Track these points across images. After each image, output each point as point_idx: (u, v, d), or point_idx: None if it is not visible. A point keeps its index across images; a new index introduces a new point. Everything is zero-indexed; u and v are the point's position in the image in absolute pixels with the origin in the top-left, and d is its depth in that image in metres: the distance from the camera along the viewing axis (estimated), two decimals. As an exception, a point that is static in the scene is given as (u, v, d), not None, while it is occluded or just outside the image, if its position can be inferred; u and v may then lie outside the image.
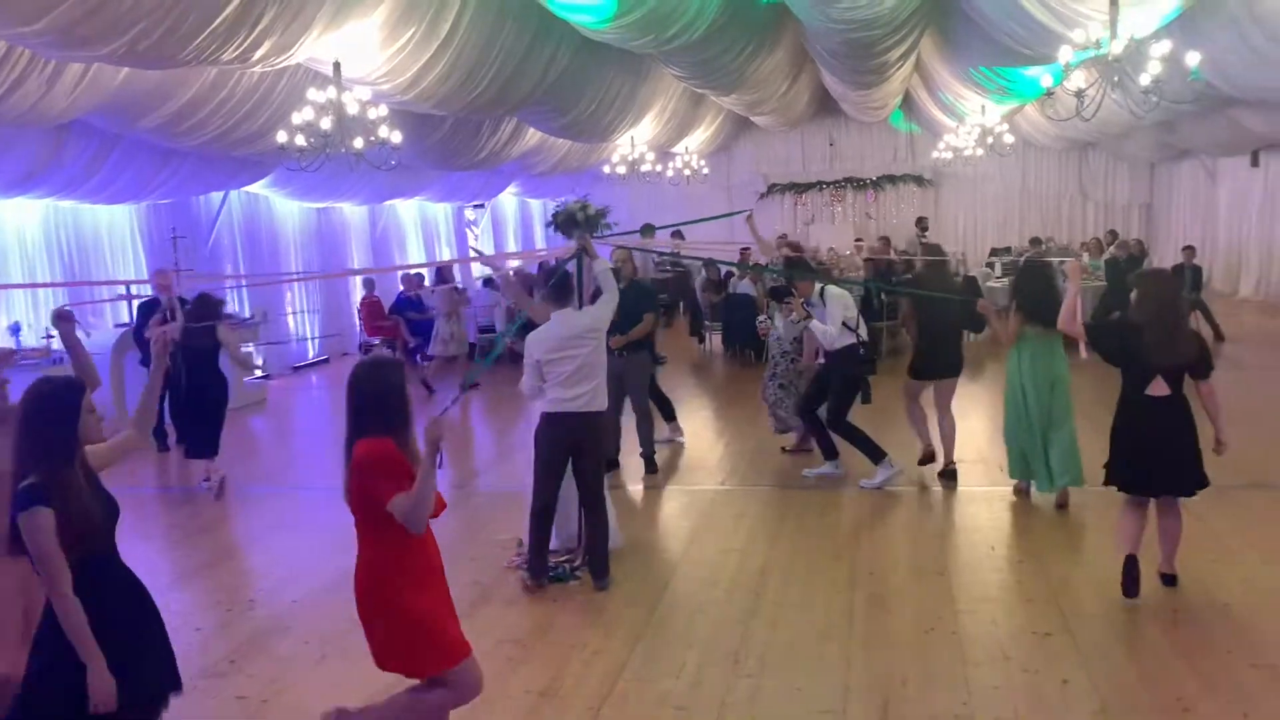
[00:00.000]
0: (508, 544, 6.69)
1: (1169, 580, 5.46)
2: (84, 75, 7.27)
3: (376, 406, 3.63)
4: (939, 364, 7.85)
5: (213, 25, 6.10)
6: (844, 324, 7.70)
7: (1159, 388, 5.22)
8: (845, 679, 4.72)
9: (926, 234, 18.23)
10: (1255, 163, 17.36)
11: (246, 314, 13.89)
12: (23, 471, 3.18)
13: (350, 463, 3.63)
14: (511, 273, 6.91)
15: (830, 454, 8.07)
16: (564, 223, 6.51)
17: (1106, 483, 5.48)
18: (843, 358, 7.75)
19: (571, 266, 6.43)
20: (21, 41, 5.85)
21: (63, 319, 4.21)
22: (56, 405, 3.24)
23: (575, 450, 5.97)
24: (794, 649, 5.07)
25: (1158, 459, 5.20)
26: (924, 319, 7.81)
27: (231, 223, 14.41)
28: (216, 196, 13.78)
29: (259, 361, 14.03)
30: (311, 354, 16.24)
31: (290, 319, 15.69)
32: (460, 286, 15.86)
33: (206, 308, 8.17)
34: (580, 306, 6.26)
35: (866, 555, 6.37)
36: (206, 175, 11.88)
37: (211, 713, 4.71)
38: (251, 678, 5.04)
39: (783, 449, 9.02)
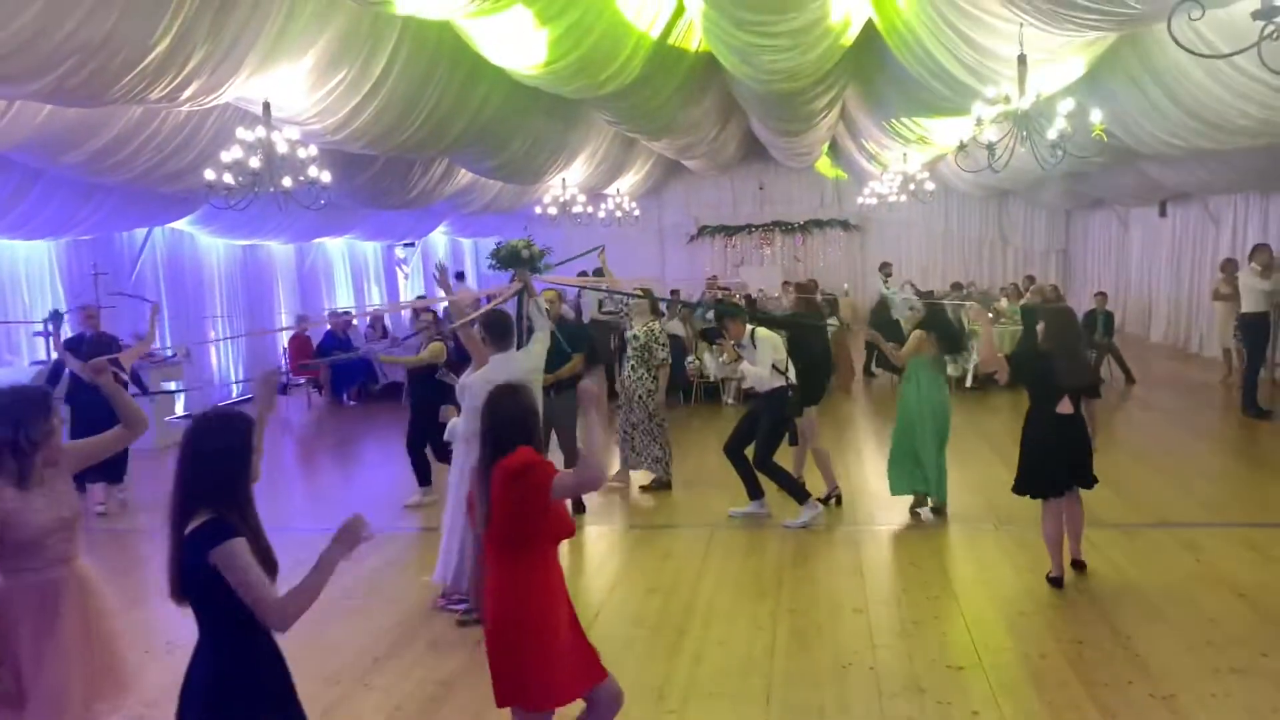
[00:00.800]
0: (432, 586, 6.68)
1: (1079, 566, 6.44)
2: (8, 110, 7.20)
3: (516, 425, 3.70)
4: (814, 394, 8.55)
5: (141, 64, 6.10)
6: (774, 366, 7.87)
7: (1065, 406, 6.17)
8: (766, 713, 4.82)
9: (889, 279, 18.41)
10: (1163, 213, 18.12)
11: (168, 351, 13.68)
12: (188, 506, 3.02)
13: (493, 482, 3.64)
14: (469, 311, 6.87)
15: (755, 494, 8.20)
16: (507, 258, 6.58)
17: (1024, 493, 6.34)
18: (771, 400, 7.92)
19: (509, 306, 6.52)
20: (-57, 77, 5.80)
21: (99, 371, 4.03)
22: (232, 438, 3.13)
23: None
24: (716, 685, 5.15)
25: (1067, 463, 6.20)
26: (797, 354, 8.19)
27: (155, 259, 14.20)
28: (140, 232, 13.60)
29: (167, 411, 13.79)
30: (235, 393, 16.00)
31: (213, 356, 15.47)
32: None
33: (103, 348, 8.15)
34: (519, 346, 6.35)
35: (789, 593, 6.49)
36: (131, 211, 11.73)
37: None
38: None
39: (641, 488, 9.24)
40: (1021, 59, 7.18)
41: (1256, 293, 11.37)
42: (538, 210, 17.94)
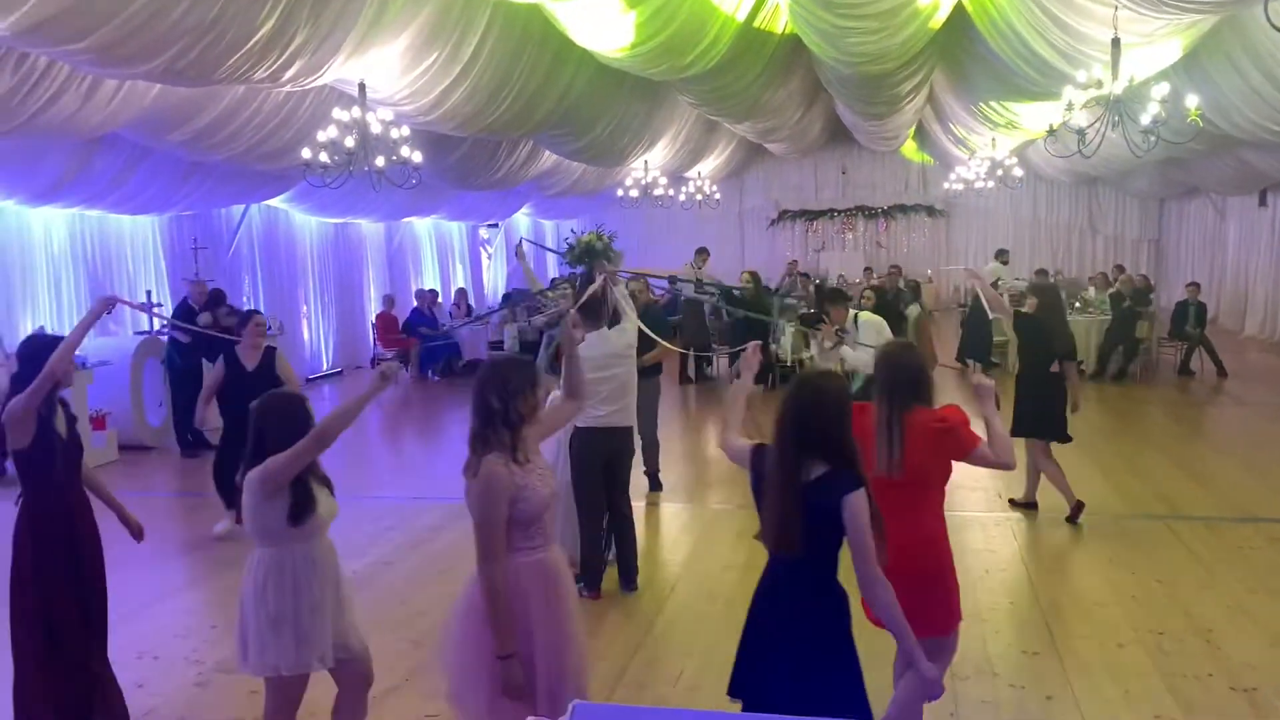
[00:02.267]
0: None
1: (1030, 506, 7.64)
2: (119, 90, 7.54)
3: (918, 381, 3.89)
4: None
5: (247, 45, 6.36)
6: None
7: (1054, 366, 7.24)
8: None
9: (1006, 264, 18.13)
10: (1263, 202, 17.53)
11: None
12: (803, 457, 3.15)
13: (913, 433, 3.78)
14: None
15: None
16: (582, 254, 6.70)
17: (1034, 434, 7.35)
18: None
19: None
20: (63, 58, 6.11)
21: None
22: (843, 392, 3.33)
23: (613, 462, 6.24)
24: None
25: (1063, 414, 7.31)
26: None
27: (251, 235, 14.69)
28: (238, 209, 14.07)
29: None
30: (325, 366, 16.48)
31: (305, 330, 15.95)
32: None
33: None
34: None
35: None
36: (230, 189, 12.16)
37: (226, 704, 4.90)
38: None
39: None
40: (1115, 42, 7.05)
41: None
42: (619, 193, 18.07)
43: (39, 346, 4.39)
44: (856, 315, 8.04)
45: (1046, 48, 8.47)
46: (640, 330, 6.70)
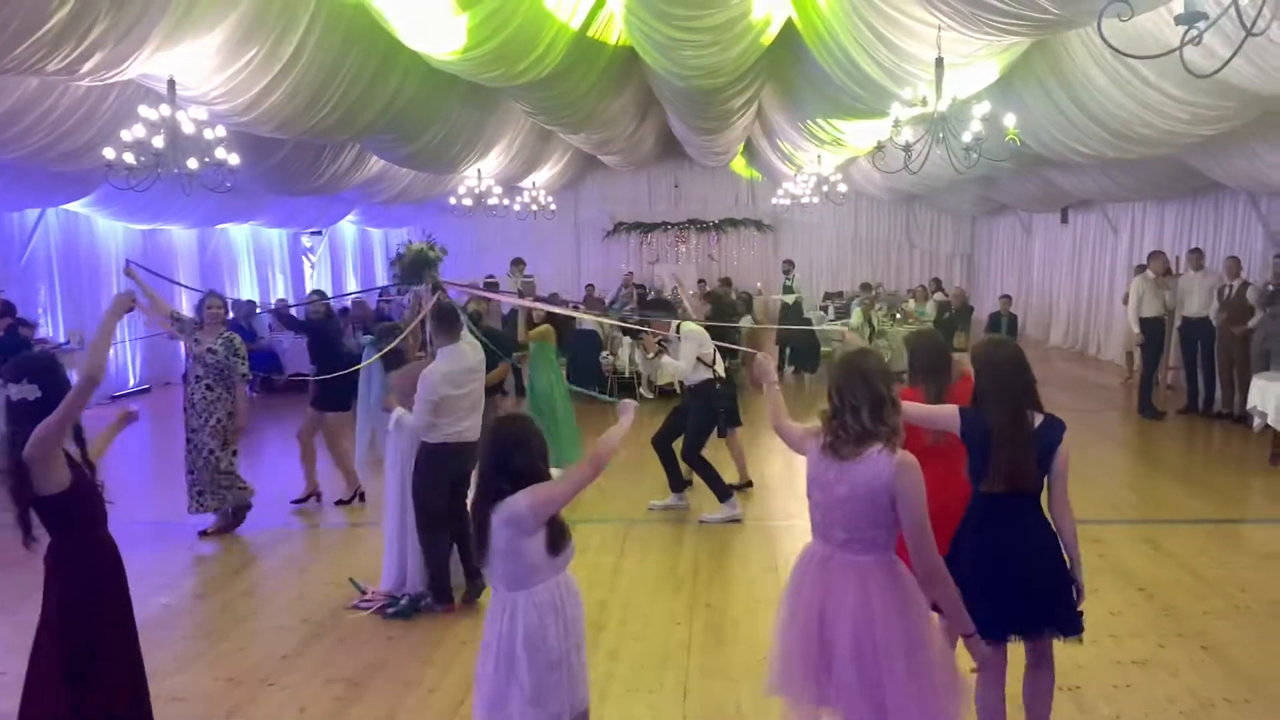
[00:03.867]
0: (341, 585, 6.52)
1: None
2: (-115, 77, 6.78)
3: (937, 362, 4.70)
4: None
5: (38, 34, 5.77)
6: (699, 360, 7.87)
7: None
8: (683, 709, 4.80)
9: (790, 276, 18.71)
10: (1065, 219, 18.70)
11: (61, 338, 13.10)
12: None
13: (957, 398, 4.33)
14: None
15: (677, 487, 8.21)
16: (413, 264, 6.43)
17: None
18: (699, 393, 7.94)
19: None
20: None
21: None
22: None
23: (461, 478, 5.97)
24: (633, 681, 5.11)
25: None
26: None
27: (48, 242, 13.57)
28: (32, 214, 12.98)
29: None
30: (132, 382, 15.41)
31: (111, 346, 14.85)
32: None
33: None
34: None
35: (705, 588, 6.48)
36: (22, 191, 11.18)
37: None
38: None
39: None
40: (939, 62, 7.28)
41: (1152, 298, 11.79)
42: (451, 201, 17.66)
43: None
44: (678, 326, 8.07)
45: (873, 66, 8.71)
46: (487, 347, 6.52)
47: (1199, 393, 11.96)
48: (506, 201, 18.79)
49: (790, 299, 17.23)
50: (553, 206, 21.37)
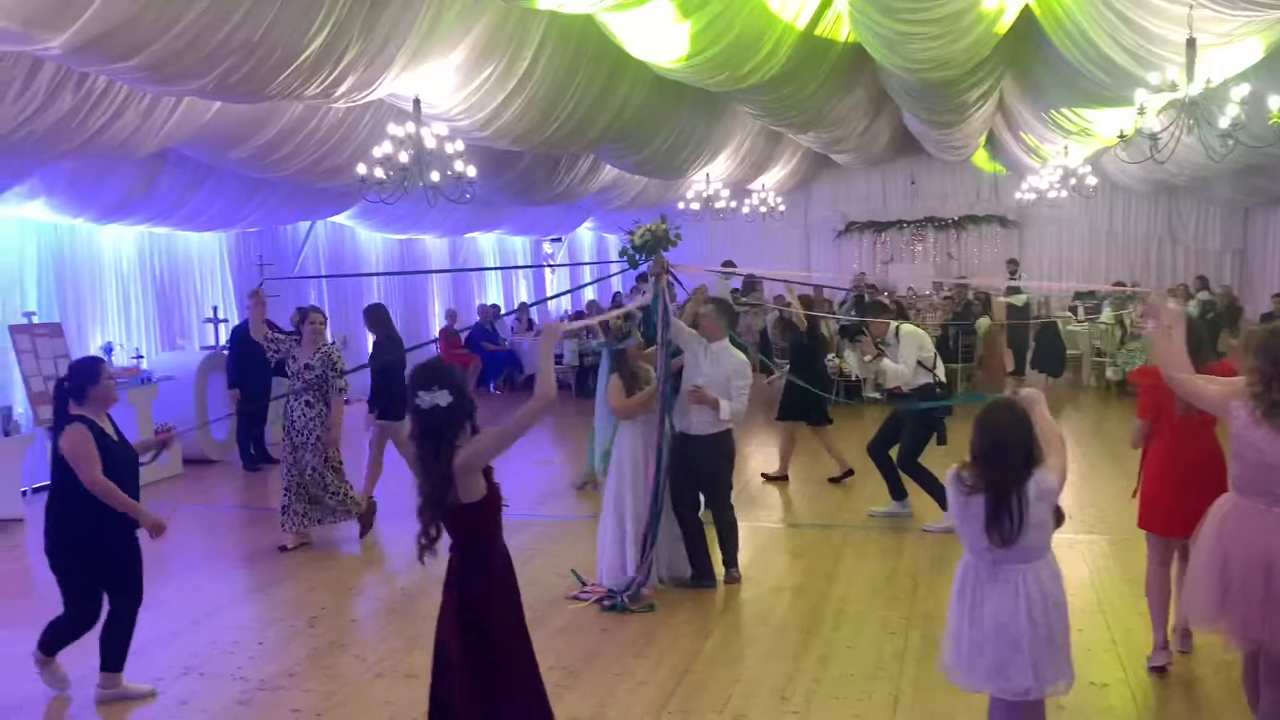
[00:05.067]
0: (564, 575, 6.78)
1: None
2: (176, 107, 7.64)
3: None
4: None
5: (297, 62, 6.37)
6: (919, 364, 7.65)
7: None
8: (892, 719, 4.68)
9: (1015, 276, 18.02)
10: (1355, 209, 16.76)
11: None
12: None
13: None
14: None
15: (898, 494, 8.01)
16: (645, 244, 6.51)
17: None
18: (919, 398, 7.70)
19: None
20: (118, 76, 6.19)
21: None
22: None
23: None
24: (842, 688, 5.03)
25: None
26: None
27: (317, 251, 14.89)
28: (303, 225, 14.27)
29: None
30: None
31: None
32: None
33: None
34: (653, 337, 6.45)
35: (923, 599, 6.28)
36: (294, 206, 12.32)
37: (267, 724, 4.86)
38: (307, 692, 5.17)
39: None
40: (1190, 42, 6.73)
41: None
42: (681, 205, 17.94)
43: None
44: (898, 328, 7.83)
45: (1117, 50, 8.14)
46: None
47: None
48: (735, 204, 18.88)
49: (1019, 300, 16.35)
50: (782, 207, 21.24)
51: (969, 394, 13.85)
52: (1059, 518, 3.76)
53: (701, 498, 6.74)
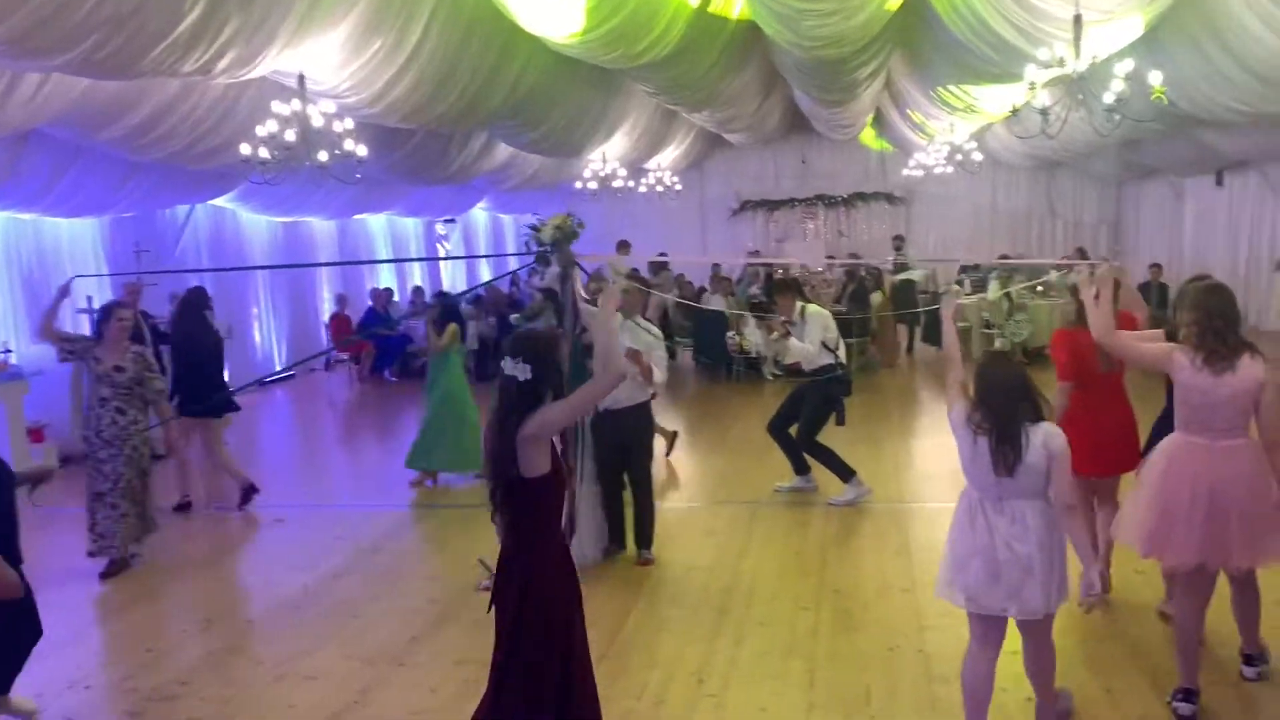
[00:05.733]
0: (471, 566, 6.62)
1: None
2: (43, 83, 7.15)
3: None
4: None
5: (172, 36, 5.99)
6: (823, 344, 7.69)
7: None
8: (809, 697, 4.68)
9: (901, 252, 18.43)
10: (1220, 182, 17.55)
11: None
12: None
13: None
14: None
15: (801, 469, 8.06)
16: (551, 237, 6.34)
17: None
18: (820, 377, 7.76)
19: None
20: (-27, 50, 5.73)
21: None
22: None
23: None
24: (758, 667, 5.02)
25: None
26: None
27: (197, 236, 14.24)
28: (182, 210, 13.62)
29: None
30: (277, 368, 16.06)
31: (256, 333, 15.53)
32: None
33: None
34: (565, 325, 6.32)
35: (833, 573, 6.33)
36: (171, 189, 11.72)
37: (161, 736, 4.60)
38: (204, 700, 4.92)
39: None
40: (1077, 19, 6.87)
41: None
42: (578, 185, 17.76)
43: None
44: (804, 307, 7.87)
45: (1006, 26, 8.28)
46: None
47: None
48: (632, 184, 18.80)
49: (909, 276, 16.71)
50: (678, 187, 21.27)
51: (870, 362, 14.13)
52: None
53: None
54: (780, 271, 13.81)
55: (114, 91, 7.83)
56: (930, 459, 9.08)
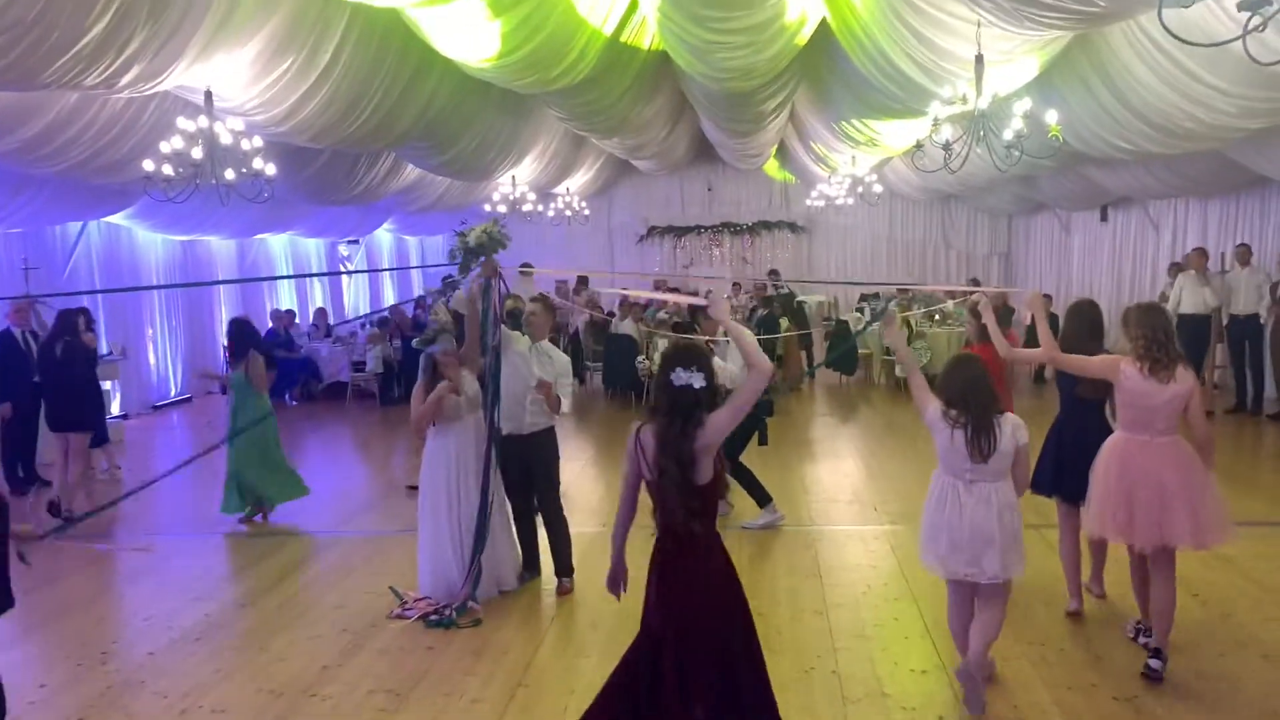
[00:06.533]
0: (381, 593, 6.50)
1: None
2: (-70, 94, 6.86)
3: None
4: None
5: (77, 47, 5.81)
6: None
7: None
8: None
9: (778, 286, 18.80)
10: (1104, 217, 18.40)
11: (104, 348, 13.22)
12: None
13: None
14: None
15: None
16: (478, 246, 6.31)
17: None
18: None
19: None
20: None
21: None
22: None
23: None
24: (676, 692, 5.02)
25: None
26: None
27: (90, 254, 13.73)
28: (74, 227, 13.13)
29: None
30: (173, 391, 15.56)
31: (151, 355, 15.03)
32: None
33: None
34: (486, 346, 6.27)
35: (748, 595, 6.37)
36: (65, 204, 11.30)
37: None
38: (103, 737, 4.72)
39: None
40: (979, 59, 7.16)
41: (1191, 295, 11.57)
42: (486, 208, 17.67)
43: None
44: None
45: (911, 65, 8.58)
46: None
47: (1248, 392, 11.70)
48: (540, 208, 18.80)
49: (804, 299, 17.14)
50: (586, 212, 21.37)
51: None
52: None
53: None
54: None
55: (9, 102, 7.56)
56: (837, 483, 9.27)
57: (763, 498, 7.83)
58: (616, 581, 4.11)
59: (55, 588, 6.93)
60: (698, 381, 3.61)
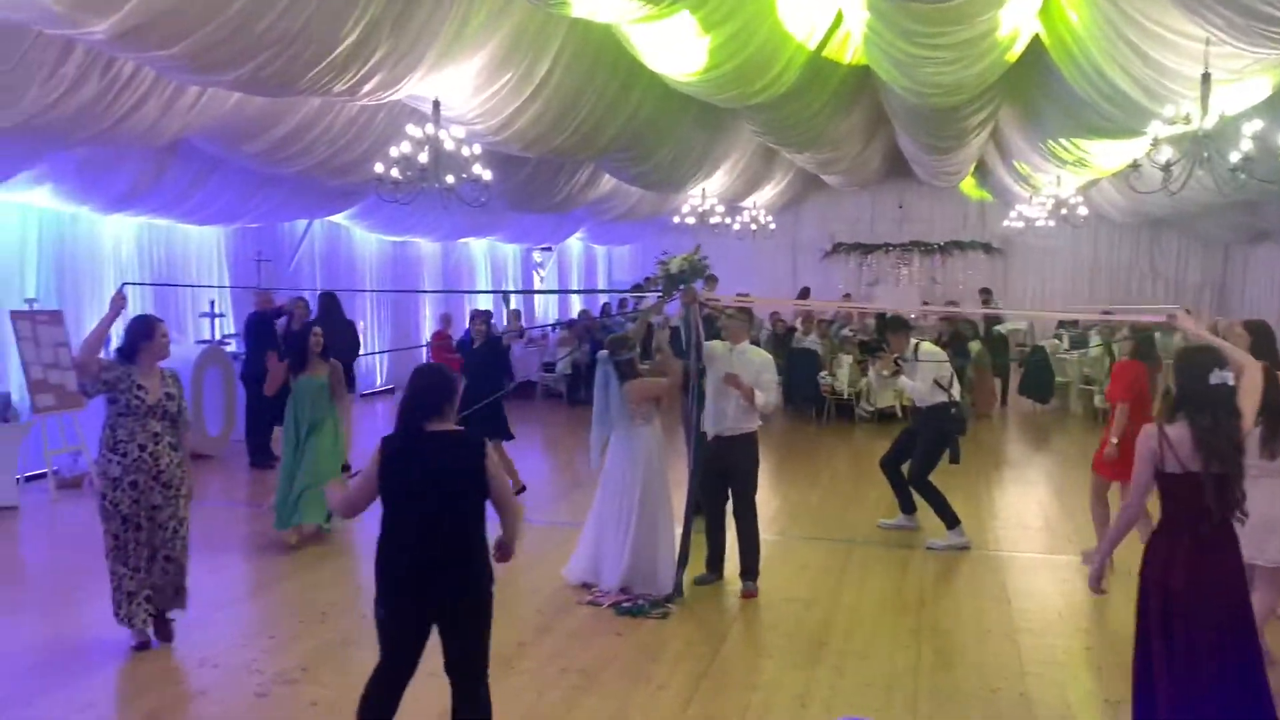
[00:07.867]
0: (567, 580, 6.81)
1: None
2: (199, 98, 7.63)
3: None
4: None
5: (330, 57, 6.40)
6: (936, 382, 7.73)
7: None
8: (912, 729, 4.74)
9: (990, 305, 18.31)
10: (1336, 249, 17.10)
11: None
12: None
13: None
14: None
15: (907, 509, 8.11)
16: (680, 274, 6.60)
17: None
18: (934, 415, 7.79)
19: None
20: (156, 65, 6.19)
21: None
22: None
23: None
24: (860, 697, 5.08)
25: None
26: None
27: (313, 250, 14.84)
28: (301, 224, 14.22)
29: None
30: (379, 382, 16.56)
31: (361, 347, 16.05)
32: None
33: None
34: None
35: (931, 613, 6.36)
36: (297, 203, 12.28)
37: (287, 716, 4.84)
38: (325, 687, 5.15)
39: None
40: (1206, 77, 6.88)
41: None
42: (675, 219, 18.02)
43: None
44: (917, 345, 7.92)
45: (1130, 83, 8.30)
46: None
47: None
48: (728, 220, 19.00)
49: (1003, 329, 16.52)
50: (772, 226, 21.41)
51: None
52: None
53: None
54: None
55: (259, 108, 8.32)
56: (1027, 509, 9.04)
57: (951, 519, 7.74)
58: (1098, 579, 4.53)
59: (276, 553, 7.55)
60: (1229, 379, 3.77)
